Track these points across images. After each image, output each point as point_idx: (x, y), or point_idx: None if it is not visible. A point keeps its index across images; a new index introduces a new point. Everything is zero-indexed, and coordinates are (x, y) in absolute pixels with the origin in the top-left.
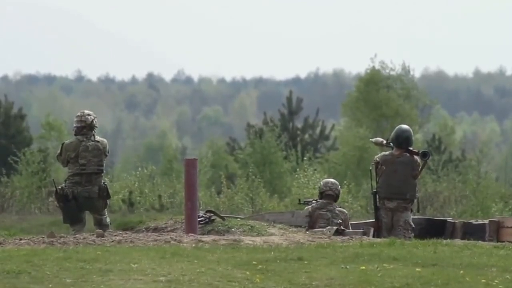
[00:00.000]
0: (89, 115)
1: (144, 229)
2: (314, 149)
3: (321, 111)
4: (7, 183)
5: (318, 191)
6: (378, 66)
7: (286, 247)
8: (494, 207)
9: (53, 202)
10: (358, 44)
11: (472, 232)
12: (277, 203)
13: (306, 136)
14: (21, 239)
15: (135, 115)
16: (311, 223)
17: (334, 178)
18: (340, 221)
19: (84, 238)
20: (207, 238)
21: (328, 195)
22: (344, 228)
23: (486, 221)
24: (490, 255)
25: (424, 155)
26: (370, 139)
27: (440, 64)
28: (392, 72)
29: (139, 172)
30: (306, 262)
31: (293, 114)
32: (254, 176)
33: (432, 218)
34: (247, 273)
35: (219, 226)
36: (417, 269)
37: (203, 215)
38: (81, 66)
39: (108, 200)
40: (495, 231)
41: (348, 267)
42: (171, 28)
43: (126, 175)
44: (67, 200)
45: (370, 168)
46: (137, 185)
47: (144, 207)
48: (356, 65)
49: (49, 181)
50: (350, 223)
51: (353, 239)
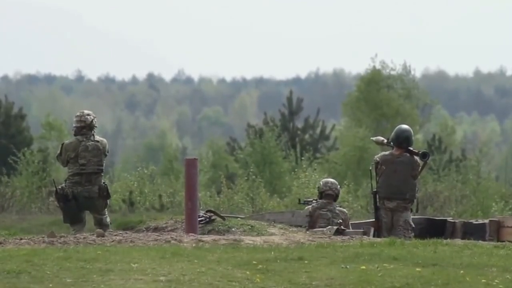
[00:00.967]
0: (88, 115)
1: (144, 229)
2: (314, 149)
3: (321, 111)
4: (7, 183)
5: (317, 190)
6: (378, 66)
7: (286, 247)
8: (494, 207)
9: (53, 202)
10: (358, 44)
11: (472, 232)
12: (277, 203)
13: (307, 136)
14: (21, 239)
15: (135, 115)
16: (311, 223)
17: (334, 178)
18: (341, 220)
19: (84, 238)
20: (207, 238)
21: (328, 195)
22: (344, 228)
23: (487, 221)
24: (490, 255)
25: (423, 156)
26: (371, 138)
27: (440, 64)
28: (392, 72)
29: (139, 171)
30: (306, 262)
31: (293, 114)
32: (254, 176)
33: (432, 218)
34: (247, 273)
35: (219, 226)
36: (417, 269)
37: (203, 215)
38: (81, 66)
39: (108, 200)
40: (496, 231)
41: (348, 267)
42: (171, 28)
43: (126, 175)
44: (67, 200)
45: (370, 168)
46: (136, 185)
47: (144, 207)
48: (357, 65)
49: (49, 180)
50: (350, 222)
51: (353, 239)
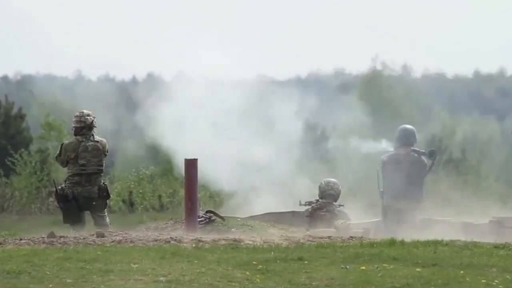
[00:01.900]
0: (88, 115)
1: (144, 229)
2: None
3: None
4: (6, 183)
5: (319, 190)
6: (379, 66)
7: (286, 247)
8: (494, 207)
9: (53, 202)
10: (358, 44)
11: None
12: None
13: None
14: (21, 239)
15: (135, 115)
16: (312, 224)
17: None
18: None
19: (84, 238)
20: (207, 238)
21: (329, 195)
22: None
23: (486, 221)
24: (490, 255)
25: (431, 155)
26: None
27: (440, 64)
28: (393, 73)
29: (137, 172)
30: (306, 262)
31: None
32: None
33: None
34: (247, 273)
35: (219, 226)
36: (417, 269)
37: (203, 215)
38: (81, 66)
39: (108, 200)
40: (496, 231)
41: (348, 267)
42: (171, 28)
43: (128, 175)
44: (67, 200)
45: (377, 168)
46: (133, 185)
47: (144, 207)
48: (357, 65)
49: (49, 181)
50: (351, 222)
51: (353, 239)
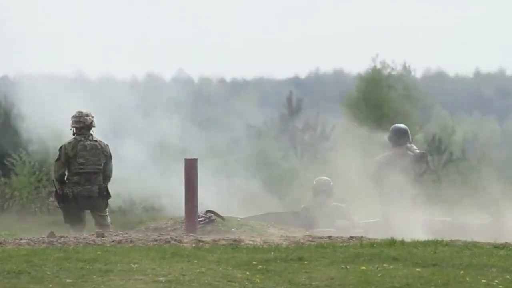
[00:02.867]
0: (87, 115)
1: (144, 229)
2: (314, 149)
3: (321, 111)
4: (6, 183)
5: (312, 190)
6: (379, 66)
7: (286, 247)
8: (494, 207)
9: (53, 202)
10: (358, 44)
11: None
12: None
13: (307, 136)
14: (21, 239)
15: (135, 115)
16: (309, 223)
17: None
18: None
19: (84, 238)
20: (207, 238)
21: (322, 191)
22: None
23: (486, 221)
24: (490, 255)
25: (421, 157)
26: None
27: (440, 64)
28: (393, 72)
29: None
30: (306, 262)
31: (293, 114)
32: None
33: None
34: (247, 273)
35: (219, 226)
36: (417, 269)
37: (203, 215)
38: (81, 66)
39: (108, 200)
40: (496, 231)
41: (348, 267)
42: (171, 28)
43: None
44: (67, 200)
45: (371, 171)
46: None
47: (144, 207)
48: (357, 65)
49: (49, 181)
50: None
51: (353, 239)
